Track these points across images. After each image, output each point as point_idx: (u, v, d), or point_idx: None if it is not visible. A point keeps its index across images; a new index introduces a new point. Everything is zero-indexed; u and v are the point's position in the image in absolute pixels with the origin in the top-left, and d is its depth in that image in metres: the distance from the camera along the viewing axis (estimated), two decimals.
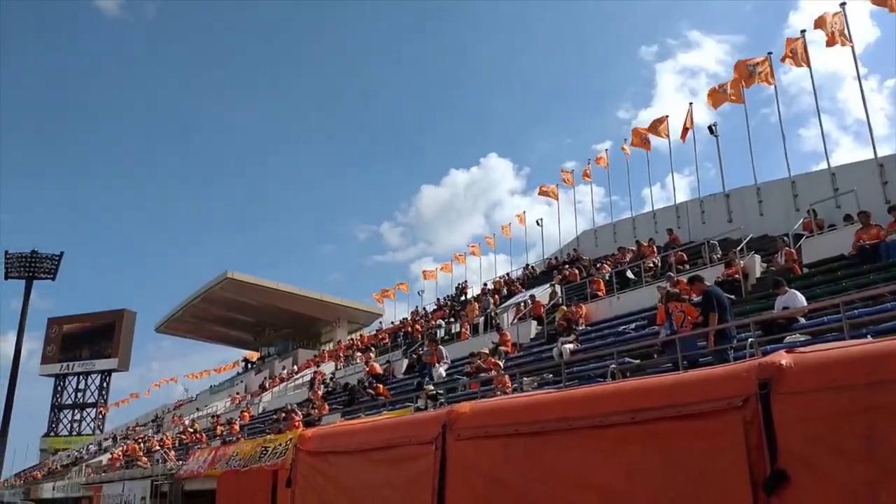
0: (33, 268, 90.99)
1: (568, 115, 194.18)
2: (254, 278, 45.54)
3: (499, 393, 11.35)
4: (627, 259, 19.20)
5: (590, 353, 12.78)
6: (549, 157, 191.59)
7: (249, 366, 51.45)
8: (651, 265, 17.37)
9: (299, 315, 47.87)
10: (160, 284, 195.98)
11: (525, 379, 12.23)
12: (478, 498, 4.09)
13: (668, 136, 24.27)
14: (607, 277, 18.02)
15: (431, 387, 14.14)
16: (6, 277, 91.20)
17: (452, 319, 25.02)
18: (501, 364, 14.81)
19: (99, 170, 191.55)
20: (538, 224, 32.37)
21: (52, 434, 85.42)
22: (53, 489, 38.06)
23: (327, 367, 30.53)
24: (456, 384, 15.10)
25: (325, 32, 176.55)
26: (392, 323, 37.40)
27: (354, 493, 5.70)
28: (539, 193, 32.27)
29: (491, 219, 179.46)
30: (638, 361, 10.90)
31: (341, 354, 32.66)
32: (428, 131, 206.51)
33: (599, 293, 17.51)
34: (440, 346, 17.74)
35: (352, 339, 37.81)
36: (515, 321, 19.38)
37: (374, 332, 35.72)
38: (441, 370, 16.34)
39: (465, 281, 33.62)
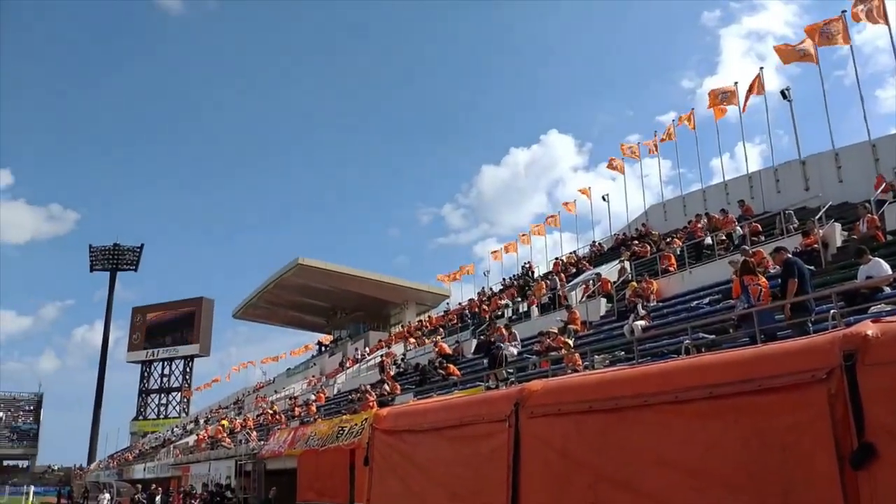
0: (116, 260, 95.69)
1: (630, 88, 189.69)
2: (324, 263, 46.55)
3: (569, 371, 11.31)
4: (699, 232, 18.69)
5: (662, 329, 12.56)
6: (612, 130, 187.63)
7: (323, 349, 52.78)
8: (724, 238, 16.88)
9: (369, 298, 48.72)
10: (236, 272, 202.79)
11: (596, 357, 12.13)
12: (552, 474, 4.11)
13: (738, 103, 23.40)
14: (678, 252, 17.61)
15: (503, 368, 14.19)
16: (91, 270, 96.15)
17: (519, 299, 24.97)
18: (571, 342, 14.72)
19: (174, 164, 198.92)
20: (604, 200, 31.82)
21: (140, 418, 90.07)
22: (144, 470, 40.13)
23: (397, 349, 31.02)
24: (526, 363, 15.11)
25: (379, 15, 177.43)
26: (459, 304, 37.64)
27: (430, 469, 5.81)
28: (608, 167, 31.66)
29: (553, 197, 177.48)
30: (713, 337, 10.64)
31: (411, 336, 33.12)
32: (486, 111, 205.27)
33: (671, 268, 17.14)
34: (511, 328, 17.75)
35: (420, 321, 38.22)
36: (584, 299, 19.20)
37: (442, 314, 36.02)
38: (513, 350, 16.36)
39: (530, 261, 33.49)
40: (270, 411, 31.32)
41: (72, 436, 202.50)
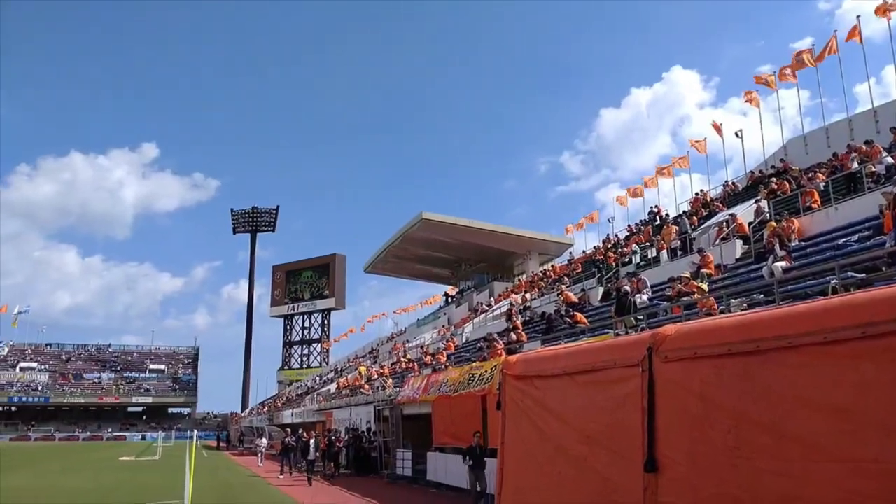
0: (256, 222, 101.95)
1: (759, 15, 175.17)
2: (446, 217, 47.22)
3: (703, 316, 10.94)
4: (849, 164, 17.22)
5: (806, 269, 11.82)
6: (741, 63, 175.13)
7: (450, 300, 53.96)
8: (873, 169, 15.47)
9: (492, 249, 49.06)
10: (365, 229, 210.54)
11: (732, 301, 11.63)
12: (690, 418, 4.06)
13: (889, 17, 21.05)
14: (822, 187, 16.36)
15: (631, 314, 13.94)
16: (234, 232, 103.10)
17: (648, 244, 24.26)
18: (705, 287, 14.19)
19: (304, 130, 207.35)
20: (737, 136, 29.90)
21: (285, 368, 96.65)
22: (292, 415, 43.17)
23: (522, 298, 31.17)
24: (656, 310, 14.76)
25: None
26: (583, 252, 37.08)
27: (563, 413, 5.88)
28: (745, 100, 29.63)
29: (678, 137, 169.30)
30: (863, 276, 9.89)
31: (535, 285, 33.13)
32: (603, 53, 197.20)
33: (814, 205, 15.98)
34: (640, 274, 17.33)
35: (544, 271, 38.09)
36: (717, 242, 18.35)
37: (566, 263, 35.69)
38: (642, 297, 16.01)
39: (658, 205, 32.27)
40: (404, 359, 32.62)
41: (226, 385, 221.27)
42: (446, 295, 56.76)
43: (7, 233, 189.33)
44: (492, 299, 39.52)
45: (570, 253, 41.72)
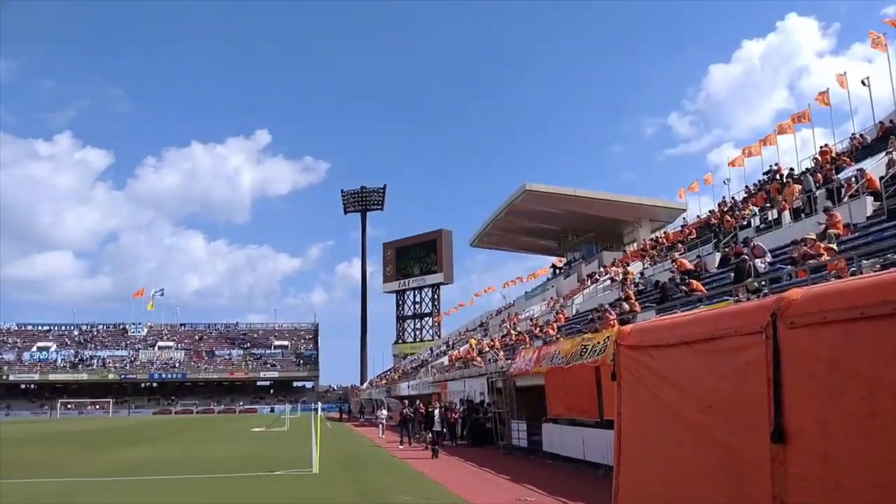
0: (365, 201, 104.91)
1: None
2: (551, 188, 46.64)
3: (832, 280, 10.32)
4: None
5: None
6: (864, 5, 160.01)
7: (557, 271, 53.48)
8: None
9: (600, 218, 48.07)
10: (470, 204, 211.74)
11: (864, 261, 10.90)
12: (820, 386, 3.91)
13: None
14: None
15: (752, 279, 13.34)
16: (345, 212, 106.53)
17: (767, 206, 23.00)
18: (834, 247, 13.35)
19: (406, 108, 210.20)
20: (864, 84, 27.55)
21: (400, 341, 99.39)
22: (408, 387, 44.42)
23: (634, 267, 30.46)
24: (779, 274, 14.04)
25: None
26: (697, 217, 35.64)
27: (681, 383, 5.79)
28: (871, 45, 27.28)
29: (796, 90, 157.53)
30: None
31: (647, 253, 32.25)
32: (709, 5, 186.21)
33: None
34: (761, 239, 16.51)
35: (656, 238, 36.96)
36: (846, 199, 17.16)
37: (679, 229, 34.45)
38: (765, 262, 15.26)
39: (777, 163, 30.41)
40: (514, 332, 32.77)
41: (345, 359, 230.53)
42: (554, 266, 56.29)
43: (140, 222, 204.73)
44: (601, 269, 38.86)
45: (684, 218, 40.23)
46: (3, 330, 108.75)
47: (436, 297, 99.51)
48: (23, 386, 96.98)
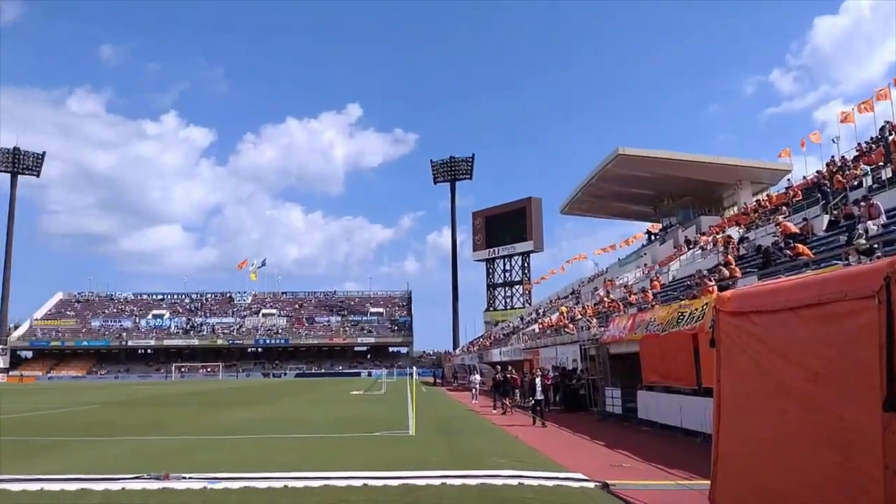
0: (453, 171, 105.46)
1: None
2: (645, 151, 45.20)
3: None
4: None
5: None
6: None
7: (653, 237, 52.08)
8: None
9: (697, 182, 46.26)
10: (560, 170, 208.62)
11: None
12: None
13: None
14: None
15: (863, 240, 12.58)
16: (435, 182, 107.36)
17: (881, 164, 21.47)
18: None
19: (491, 77, 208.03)
20: None
21: (490, 309, 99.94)
22: (500, 354, 44.77)
23: (733, 232, 29.26)
24: (894, 237, 13.17)
25: None
26: (803, 178, 33.70)
27: (785, 350, 5.62)
28: None
29: None
30: None
31: (748, 217, 30.86)
32: None
33: None
34: (874, 199, 15.49)
35: (757, 201, 35.25)
36: None
37: (783, 191, 32.71)
38: (878, 223, 14.36)
39: (893, 120, 28.18)
40: (607, 299, 32.30)
41: (437, 326, 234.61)
42: (648, 232, 54.81)
43: (241, 195, 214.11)
44: (699, 235, 37.53)
45: (788, 179, 38.13)
46: (121, 299, 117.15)
47: (526, 265, 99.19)
48: (140, 351, 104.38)
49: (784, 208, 26.50)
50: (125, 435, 17.39)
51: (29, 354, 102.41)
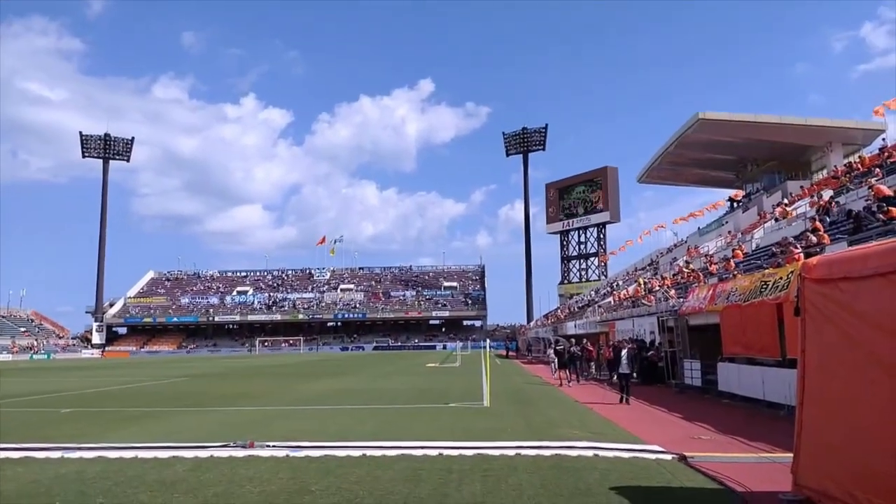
0: (526, 142, 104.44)
1: None
2: (727, 115, 43.41)
3: None
4: None
5: None
6: None
7: (735, 204, 50.17)
8: None
9: (783, 145, 44.14)
10: (637, 137, 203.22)
11: None
12: None
13: None
14: None
15: None
16: (507, 155, 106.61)
17: None
18: None
19: (563, 40, 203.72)
20: None
21: (565, 282, 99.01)
22: (575, 326, 44.40)
23: (823, 196, 27.79)
24: None
25: None
26: None
27: (877, 318, 5.33)
28: None
29: None
30: None
31: (838, 181, 29.24)
32: None
33: None
34: None
35: (849, 163, 33.32)
36: None
37: (877, 152, 30.78)
38: None
39: None
40: (686, 270, 31.42)
41: (510, 299, 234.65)
42: (731, 199, 52.77)
43: (318, 174, 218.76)
44: (785, 200, 35.88)
45: (883, 139, 35.84)
46: (207, 277, 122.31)
47: (601, 236, 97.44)
48: (227, 326, 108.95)
49: (877, 170, 24.99)
50: (213, 405, 18.24)
51: (123, 331, 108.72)
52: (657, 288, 31.09)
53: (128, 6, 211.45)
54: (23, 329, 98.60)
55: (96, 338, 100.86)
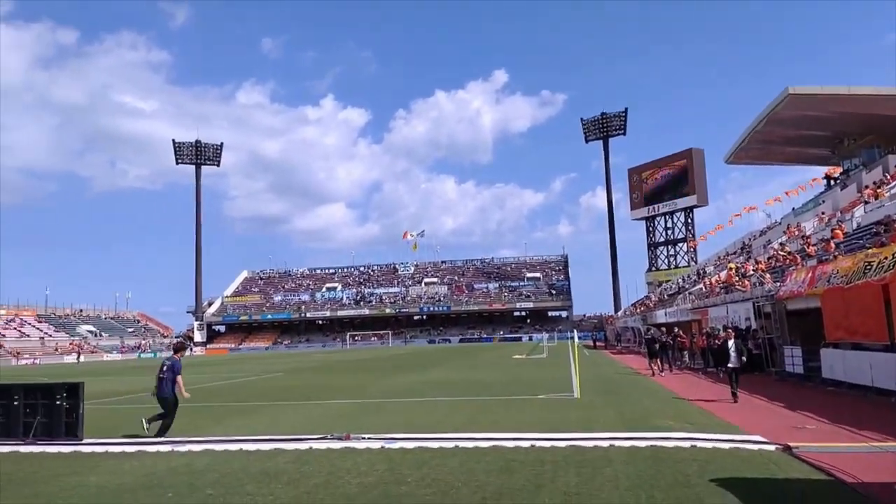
0: (605, 127, 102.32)
1: None
2: (818, 88, 41.09)
3: None
4: None
5: None
6: None
7: (832, 182, 47.54)
8: None
9: (881, 118, 41.39)
10: (722, 118, 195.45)
11: None
12: None
13: None
14: None
15: None
16: (586, 141, 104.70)
17: None
18: None
19: (640, 18, 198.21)
20: None
21: (653, 269, 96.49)
22: (665, 315, 43.28)
23: None
24: None
25: None
26: None
27: None
28: None
29: None
30: None
31: None
32: None
33: None
34: None
35: None
36: None
37: None
38: None
39: None
40: (782, 252, 30.09)
41: (596, 288, 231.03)
42: (827, 177, 49.98)
43: (398, 171, 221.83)
44: (887, 175, 33.72)
45: None
46: (298, 274, 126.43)
47: (689, 221, 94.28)
48: (318, 322, 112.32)
49: None
50: (309, 399, 18.91)
51: (222, 329, 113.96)
52: (751, 272, 29.92)
53: (209, 17, 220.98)
54: (130, 330, 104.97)
55: (197, 336, 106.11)
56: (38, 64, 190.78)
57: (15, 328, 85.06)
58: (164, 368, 11.67)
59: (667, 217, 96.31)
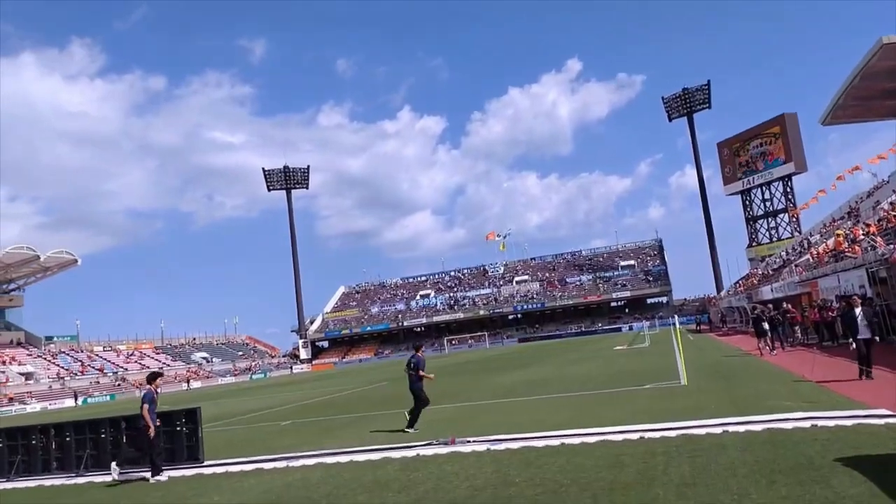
0: (689, 103, 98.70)
1: None
2: None
3: None
4: None
5: None
6: None
7: None
8: None
9: None
10: (810, 79, 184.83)
11: None
12: None
13: None
14: None
15: None
16: (669, 119, 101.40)
17: None
18: None
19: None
20: None
21: (754, 244, 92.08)
22: (771, 290, 41.31)
23: None
24: None
25: None
26: None
27: None
28: None
29: None
30: None
31: None
32: None
33: None
34: None
35: None
36: None
37: None
38: None
39: None
40: (893, 213, 28.12)
41: (695, 270, 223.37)
42: None
43: (479, 172, 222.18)
44: None
45: None
46: (392, 285, 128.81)
47: (788, 189, 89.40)
48: (416, 329, 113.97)
49: None
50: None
51: (325, 344, 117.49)
52: (861, 237, 28.10)
53: (284, 46, 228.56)
54: (240, 353, 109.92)
55: (303, 353, 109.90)
56: (133, 111, 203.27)
57: (136, 361, 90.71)
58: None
59: (763, 188, 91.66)
